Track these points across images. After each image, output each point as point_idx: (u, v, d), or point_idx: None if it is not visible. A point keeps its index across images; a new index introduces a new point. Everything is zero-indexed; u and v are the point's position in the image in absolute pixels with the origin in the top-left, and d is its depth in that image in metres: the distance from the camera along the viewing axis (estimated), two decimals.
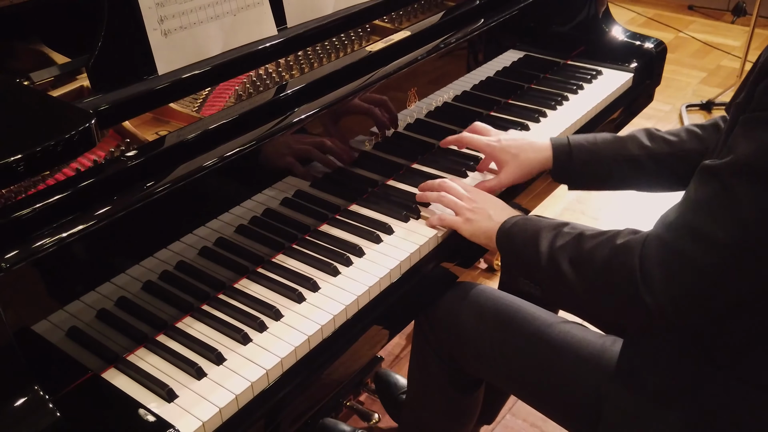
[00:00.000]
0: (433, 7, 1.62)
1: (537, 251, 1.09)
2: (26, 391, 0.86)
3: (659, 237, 0.93)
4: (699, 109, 3.56)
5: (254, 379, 1.00)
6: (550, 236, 1.09)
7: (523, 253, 1.13)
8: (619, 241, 0.99)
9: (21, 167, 0.83)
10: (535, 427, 1.91)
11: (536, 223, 1.15)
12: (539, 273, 1.10)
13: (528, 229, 1.14)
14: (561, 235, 1.08)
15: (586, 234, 1.05)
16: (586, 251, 1.02)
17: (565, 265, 1.04)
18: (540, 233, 1.11)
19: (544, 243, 1.08)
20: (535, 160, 1.37)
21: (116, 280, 1.02)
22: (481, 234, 1.23)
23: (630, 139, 1.33)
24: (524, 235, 1.14)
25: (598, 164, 1.34)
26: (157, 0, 1.12)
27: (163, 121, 1.16)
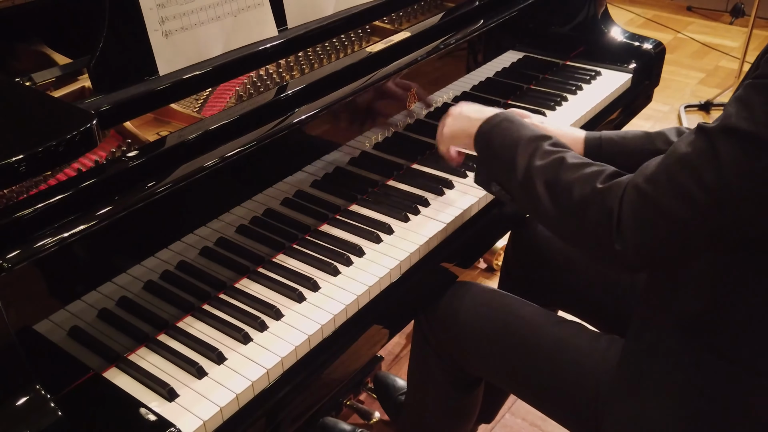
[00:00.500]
0: (433, 8, 1.62)
1: (513, 162, 1.07)
2: (28, 390, 0.86)
3: (638, 187, 0.93)
4: (697, 109, 3.56)
5: (255, 378, 1.00)
6: (530, 149, 1.07)
7: (499, 159, 1.11)
8: (600, 184, 0.98)
9: (23, 167, 0.83)
10: (535, 426, 1.91)
11: (518, 129, 1.12)
12: (513, 185, 1.09)
13: (509, 135, 1.12)
14: (540, 152, 1.06)
15: (567, 162, 1.03)
16: (565, 181, 1.01)
17: (541, 187, 1.03)
18: (519, 143, 1.09)
19: (522, 156, 1.07)
20: None
21: (117, 280, 1.02)
22: (461, 133, 1.23)
23: (658, 136, 1.35)
24: (503, 140, 1.12)
25: (626, 158, 1.35)
26: (158, 1, 1.12)
27: (164, 122, 1.17)
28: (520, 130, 1.11)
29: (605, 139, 1.38)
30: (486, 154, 1.15)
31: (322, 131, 1.26)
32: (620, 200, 0.94)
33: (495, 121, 1.16)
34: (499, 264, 2.41)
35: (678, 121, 3.48)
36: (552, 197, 1.02)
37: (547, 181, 1.03)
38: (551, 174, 1.03)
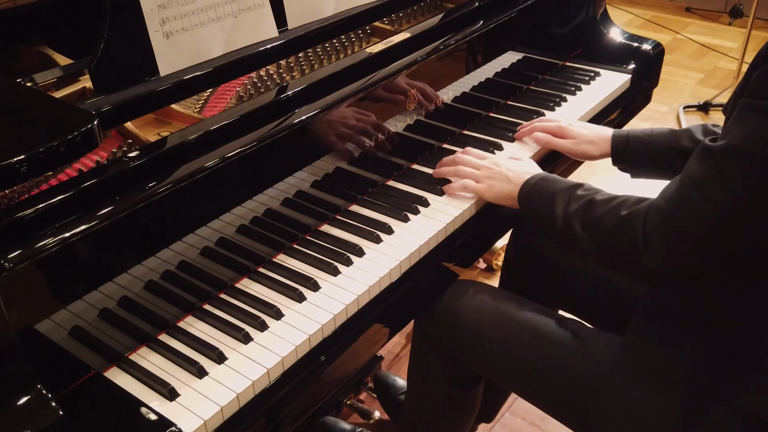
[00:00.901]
0: (432, 9, 1.62)
1: (553, 214, 1.16)
2: (29, 389, 0.86)
3: (658, 208, 1.00)
4: (696, 110, 3.57)
5: (255, 377, 1.00)
6: (564, 199, 1.15)
7: (541, 215, 1.20)
8: (624, 211, 1.04)
9: (24, 168, 0.83)
10: (534, 425, 1.91)
11: (553, 184, 1.20)
12: (556, 234, 1.17)
13: (545, 191, 1.20)
14: (574, 199, 1.14)
15: (596, 199, 1.11)
16: (595, 217, 1.09)
17: (578, 228, 1.11)
18: (555, 196, 1.17)
19: (560, 206, 1.15)
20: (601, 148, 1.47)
21: (118, 280, 1.02)
22: (505, 197, 1.30)
23: (684, 133, 1.39)
24: (541, 198, 1.20)
25: (652, 155, 1.41)
26: (159, 2, 1.12)
27: (165, 122, 1.16)
28: (555, 185, 1.20)
29: (632, 137, 1.43)
30: (529, 213, 1.25)
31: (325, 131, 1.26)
32: (644, 223, 1.00)
33: (533, 181, 1.24)
34: (498, 264, 2.41)
35: (677, 121, 3.48)
36: (588, 234, 1.10)
37: (583, 222, 1.11)
38: (584, 214, 1.11)
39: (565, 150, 1.50)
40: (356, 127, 1.33)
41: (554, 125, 1.52)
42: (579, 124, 1.50)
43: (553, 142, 1.50)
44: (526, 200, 1.24)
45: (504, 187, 1.30)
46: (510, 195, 1.28)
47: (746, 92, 0.93)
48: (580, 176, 2.94)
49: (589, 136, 1.47)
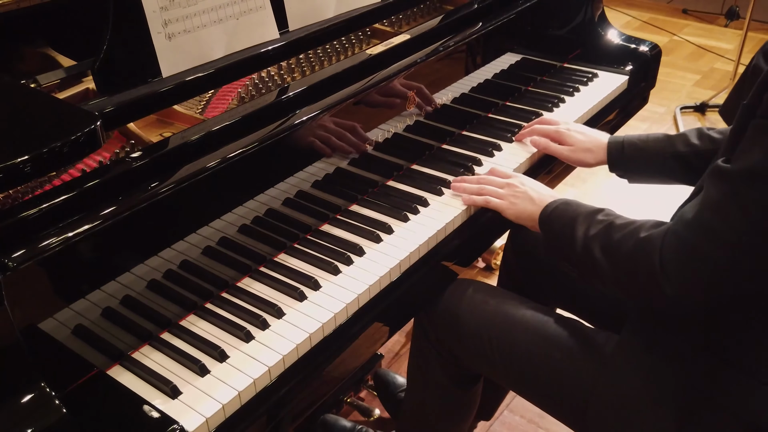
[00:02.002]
0: (432, 11, 1.62)
1: (573, 238, 1.13)
2: (33, 387, 0.86)
3: (676, 233, 0.97)
4: (693, 111, 3.56)
5: (257, 376, 1.00)
6: (585, 224, 1.13)
7: (561, 238, 1.17)
8: (642, 234, 1.02)
9: (28, 168, 0.83)
10: (533, 423, 1.91)
11: (574, 209, 1.18)
12: (575, 258, 1.14)
13: (566, 215, 1.18)
14: (594, 224, 1.12)
15: (615, 224, 1.08)
16: (614, 241, 1.06)
17: (597, 253, 1.08)
18: (576, 220, 1.15)
19: (580, 230, 1.12)
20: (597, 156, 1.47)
21: (121, 279, 1.02)
22: (526, 217, 1.28)
23: (679, 137, 1.38)
24: (562, 221, 1.18)
25: (648, 161, 1.40)
26: (162, 4, 1.12)
27: (167, 123, 1.16)
28: (577, 209, 1.18)
29: (627, 144, 1.42)
30: (550, 236, 1.21)
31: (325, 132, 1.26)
32: (661, 247, 0.97)
33: (554, 205, 1.23)
34: (497, 263, 2.41)
35: (674, 122, 3.48)
36: (608, 259, 1.07)
37: (602, 246, 1.08)
38: (604, 238, 1.08)
39: (562, 157, 1.49)
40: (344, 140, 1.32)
41: (552, 130, 1.51)
42: (577, 129, 1.50)
43: (551, 147, 1.50)
44: (546, 222, 1.22)
45: (526, 207, 1.28)
46: (531, 216, 1.26)
47: (760, 112, 0.90)
48: (578, 177, 2.95)
49: (586, 144, 1.46)
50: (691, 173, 1.36)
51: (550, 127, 1.53)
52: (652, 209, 2.71)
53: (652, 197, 2.77)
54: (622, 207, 2.99)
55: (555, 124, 1.53)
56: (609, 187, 2.97)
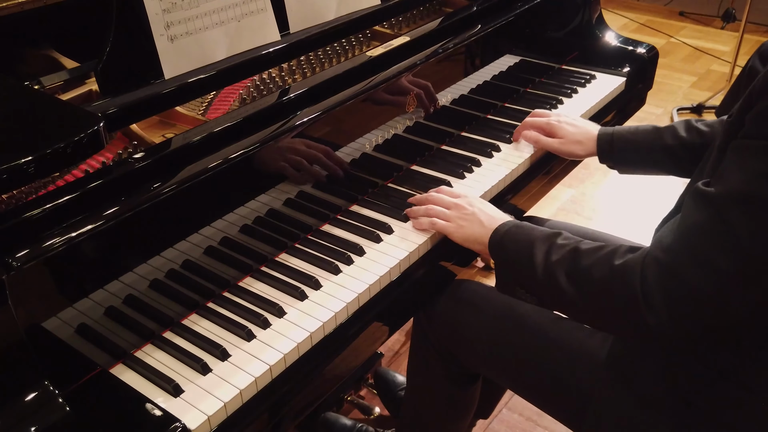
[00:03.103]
0: (431, 13, 1.62)
1: (532, 263, 1.05)
2: (37, 386, 0.86)
3: (657, 259, 0.90)
4: (690, 112, 3.57)
5: (258, 374, 1.00)
6: (544, 248, 1.05)
7: (517, 262, 1.09)
8: (617, 261, 0.95)
9: (32, 169, 0.83)
10: (531, 420, 1.91)
11: (529, 232, 1.10)
12: (535, 284, 1.06)
13: (521, 238, 1.10)
14: (555, 248, 1.04)
15: (581, 248, 1.01)
16: (583, 267, 0.99)
17: (563, 280, 1.01)
18: (534, 244, 1.07)
19: (539, 255, 1.05)
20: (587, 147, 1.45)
21: (124, 279, 1.02)
22: (473, 240, 1.20)
23: (667, 130, 1.38)
24: (517, 245, 1.10)
25: (637, 153, 1.39)
26: (164, 6, 1.12)
27: (170, 124, 1.17)
28: (531, 232, 1.10)
29: (617, 136, 1.42)
30: (503, 260, 1.13)
31: (324, 133, 1.26)
32: (641, 275, 0.91)
33: (506, 227, 1.15)
34: None
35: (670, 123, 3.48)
36: (575, 286, 0.99)
37: (567, 272, 1.01)
38: (569, 264, 1.01)
39: (552, 149, 1.49)
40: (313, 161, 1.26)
41: (544, 122, 1.51)
42: (568, 121, 1.49)
43: (542, 140, 1.50)
44: (498, 246, 1.13)
45: (475, 230, 1.19)
46: (480, 239, 1.18)
47: (742, 132, 0.86)
48: (575, 177, 2.95)
49: (577, 136, 1.46)
50: (679, 165, 1.36)
51: (541, 119, 1.52)
52: (649, 209, 2.71)
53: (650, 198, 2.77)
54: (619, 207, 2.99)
55: (546, 116, 1.53)
56: (606, 187, 2.97)
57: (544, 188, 1.63)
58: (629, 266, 0.93)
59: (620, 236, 1.46)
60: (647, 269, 0.90)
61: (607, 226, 2.58)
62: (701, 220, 0.87)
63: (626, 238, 1.44)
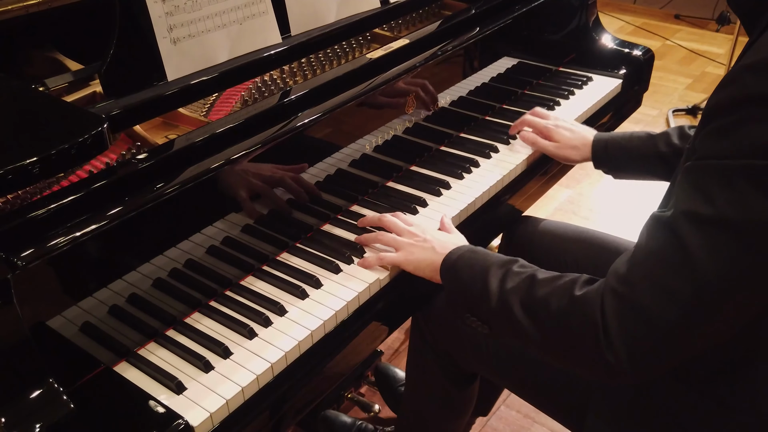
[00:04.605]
0: (430, 16, 1.62)
1: (486, 290, 0.99)
2: (41, 383, 0.86)
3: (614, 290, 0.84)
4: (685, 113, 3.57)
5: (260, 372, 1.00)
6: (499, 274, 0.99)
7: (469, 290, 1.03)
8: (577, 292, 0.89)
9: (37, 169, 0.83)
10: (529, 418, 1.91)
11: (484, 258, 1.04)
12: (488, 313, 1.00)
13: (475, 264, 1.04)
14: (511, 275, 0.98)
15: (538, 277, 0.95)
16: (540, 297, 0.93)
17: (517, 309, 0.94)
18: (489, 270, 1.00)
19: (494, 282, 0.98)
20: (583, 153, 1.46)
21: (128, 278, 1.02)
22: (426, 267, 1.12)
23: (661, 137, 1.38)
24: (471, 270, 1.03)
25: (631, 159, 1.40)
26: (167, 9, 1.12)
27: (172, 125, 1.17)
28: (486, 258, 1.04)
29: (611, 142, 1.42)
30: (455, 286, 1.06)
31: (324, 134, 1.26)
32: (601, 309, 0.85)
33: (459, 252, 1.08)
34: None
35: (666, 124, 3.48)
36: (530, 317, 0.93)
37: (522, 301, 0.94)
38: (525, 293, 0.95)
39: (548, 153, 1.50)
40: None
41: (542, 125, 1.51)
42: (565, 126, 1.49)
43: (539, 142, 1.50)
44: (451, 272, 1.06)
45: (426, 256, 1.12)
46: (432, 265, 1.10)
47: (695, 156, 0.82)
48: (573, 178, 2.95)
49: (573, 141, 1.46)
50: (672, 172, 1.35)
51: (540, 121, 1.52)
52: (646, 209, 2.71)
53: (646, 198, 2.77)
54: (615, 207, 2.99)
55: (546, 118, 1.53)
56: (603, 187, 2.97)
57: (541, 189, 1.63)
58: (589, 297, 0.87)
59: (617, 236, 1.46)
60: (605, 302, 0.85)
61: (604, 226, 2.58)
62: (657, 246, 0.82)
63: (623, 237, 1.44)
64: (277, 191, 1.22)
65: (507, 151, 1.56)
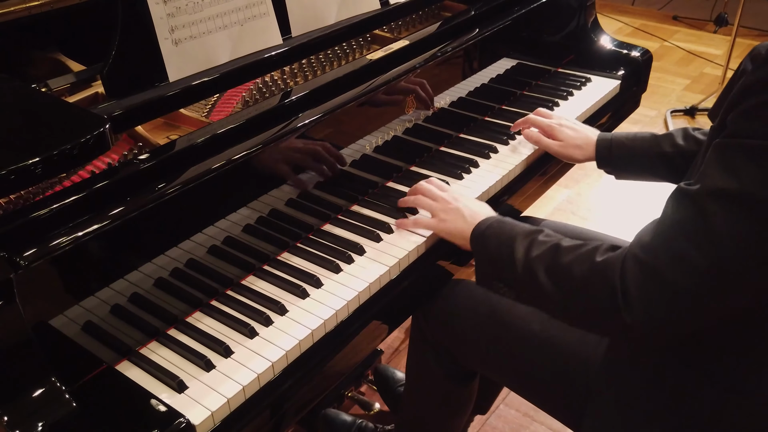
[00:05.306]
0: (430, 18, 1.62)
1: (512, 258, 1.04)
2: (44, 382, 0.86)
3: (636, 257, 0.89)
4: (683, 114, 3.57)
5: (260, 371, 1.00)
6: (525, 243, 1.04)
7: (497, 257, 1.09)
8: (599, 258, 0.94)
9: (39, 170, 0.83)
10: (527, 416, 1.91)
11: (511, 227, 1.10)
12: (515, 279, 1.06)
13: (503, 233, 1.10)
14: (536, 244, 1.03)
15: (562, 245, 1.00)
16: (563, 264, 0.98)
17: (542, 276, 1.00)
18: (515, 239, 1.06)
19: (520, 250, 1.04)
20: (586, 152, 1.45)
21: (129, 277, 1.02)
22: (457, 234, 1.19)
23: (665, 138, 1.37)
24: (498, 239, 1.09)
25: (635, 159, 1.39)
26: (169, 11, 1.12)
27: (174, 126, 1.17)
28: (513, 228, 1.09)
29: (615, 142, 1.41)
30: (484, 254, 1.12)
31: (325, 135, 1.26)
32: (621, 273, 0.90)
33: (488, 222, 1.14)
34: None
35: (664, 125, 3.48)
36: (554, 282, 0.99)
37: (547, 268, 1.00)
38: (549, 260, 1.00)
39: (552, 151, 1.49)
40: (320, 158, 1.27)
41: (546, 123, 1.51)
42: (569, 126, 1.49)
43: (543, 141, 1.50)
44: (480, 241, 1.13)
45: (458, 225, 1.19)
46: (462, 234, 1.17)
47: (724, 133, 0.85)
48: (571, 178, 2.95)
49: (576, 140, 1.46)
50: (675, 172, 1.35)
51: (544, 120, 1.52)
52: (644, 210, 2.71)
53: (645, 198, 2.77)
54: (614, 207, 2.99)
55: (549, 117, 1.53)
56: (602, 188, 2.97)
57: (540, 189, 1.63)
58: (610, 264, 0.92)
59: (616, 236, 1.46)
60: (627, 267, 0.89)
61: (603, 226, 2.58)
62: (681, 218, 0.86)
63: (621, 238, 1.44)
64: (278, 190, 1.22)
65: (506, 151, 1.56)
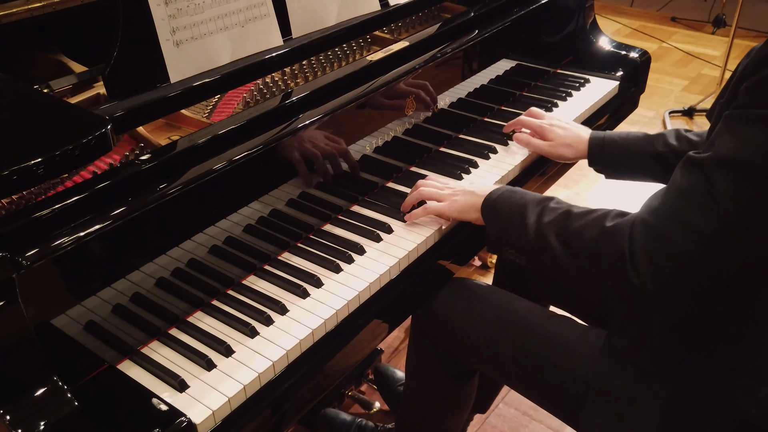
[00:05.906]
0: (430, 19, 1.62)
1: (524, 223, 1.08)
2: (46, 381, 0.86)
3: (644, 221, 0.94)
4: (681, 115, 3.56)
5: (261, 370, 1.00)
6: (537, 210, 1.08)
7: (509, 224, 1.12)
8: (608, 223, 0.98)
9: (41, 170, 0.83)
10: (527, 415, 1.91)
11: (522, 195, 1.14)
12: (526, 245, 1.10)
13: (514, 201, 1.13)
14: (548, 210, 1.07)
15: (573, 212, 1.05)
16: (574, 229, 1.02)
17: (553, 241, 1.04)
18: (527, 206, 1.10)
19: (531, 216, 1.08)
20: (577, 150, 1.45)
21: (131, 277, 1.02)
22: (469, 208, 1.22)
23: (658, 138, 1.37)
24: (510, 207, 1.13)
25: (627, 158, 1.39)
26: (170, 12, 1.12)
27: (175, 127, 1.17)
28: (524, 196, 1.13)
29: (608, 140, 1.41)
30: (495, 222, 1.16)
31: (325, 135, 1.26)
32: (629, 236, 0.94)
33: (499, 192, 1.18)
34: (493, 261, 2.41)
35: (663, 126, 3.48)
36: (565, 247, 1.03)
37: (558, 234, 1.03)
38: (560, 226, 1.04)
39: (542, 152, 1.49)
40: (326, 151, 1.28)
41: (536, 124, 1.50)
42: (559, 125, 1.48)
43: (532, 143, 1.50)
44: (492, 209, 1.17)
45: (468, 199, 1.22)
46: (475, 205, 1.20)
47: (734, 104, 0.88)
48: (570, 178, 2.95)
49: (566, 139, 1.45)
50: (668, 173, 1.34)
51: (534, 120, 1.52)
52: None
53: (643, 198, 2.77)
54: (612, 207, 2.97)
55: (541, 117, 1.52)
56: (600, 187, 2.97)
57: (539, 189, 1.63)
58: (619, 228, 0.96)
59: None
60: (635, 231, 0.94)
61: None
62: (688, 185, 0.90)
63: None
64: (279, 191, 1.22)
65: (505, 152, 1.56)
